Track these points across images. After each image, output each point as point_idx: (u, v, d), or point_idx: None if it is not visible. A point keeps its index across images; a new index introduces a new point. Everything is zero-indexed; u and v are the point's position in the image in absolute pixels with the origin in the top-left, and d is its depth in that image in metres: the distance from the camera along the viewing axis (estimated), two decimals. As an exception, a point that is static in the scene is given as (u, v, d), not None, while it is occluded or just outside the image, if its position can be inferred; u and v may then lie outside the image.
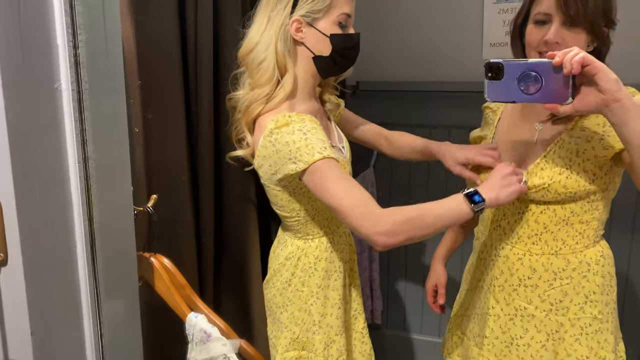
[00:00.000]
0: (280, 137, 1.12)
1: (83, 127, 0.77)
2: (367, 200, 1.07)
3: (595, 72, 0.88)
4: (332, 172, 1.09)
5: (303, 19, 1.16)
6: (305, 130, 1.11)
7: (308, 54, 1.20)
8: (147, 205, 1.04)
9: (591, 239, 1.14)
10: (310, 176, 1.10)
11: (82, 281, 0.82)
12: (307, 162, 1.08)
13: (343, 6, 1.17)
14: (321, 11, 1.16)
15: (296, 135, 1.10)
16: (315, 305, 1.26)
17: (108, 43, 0.79)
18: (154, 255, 1.07)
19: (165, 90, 1.29)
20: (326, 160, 1.09)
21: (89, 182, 0.79)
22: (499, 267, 1.19)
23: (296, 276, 1.27)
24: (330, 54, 1.19)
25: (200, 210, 1.41)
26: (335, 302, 1.28)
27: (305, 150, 1.09)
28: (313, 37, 1.18)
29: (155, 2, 1.24)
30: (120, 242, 0.88)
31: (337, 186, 1.08)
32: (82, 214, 0.79)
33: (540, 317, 1.15)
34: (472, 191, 1.06)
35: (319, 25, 1.17)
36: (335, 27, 1.18)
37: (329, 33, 1.17)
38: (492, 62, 0.97)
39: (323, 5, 1.15)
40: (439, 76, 2.14)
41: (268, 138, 1.14)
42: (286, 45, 1.17)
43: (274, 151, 1.13)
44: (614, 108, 0.89)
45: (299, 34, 1.17)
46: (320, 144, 1.10)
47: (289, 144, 1.10)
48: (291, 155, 1.10)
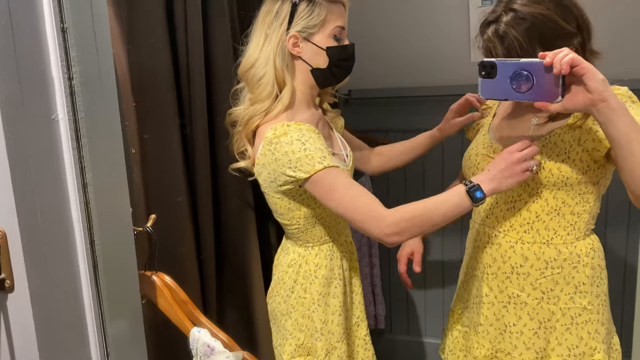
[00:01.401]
0: (279, 147, 1.15)
1: (81, 155, 0.80)
2: (373, 204, 1.12)
3: (584, 73, 0.92)
4: (335, 181, 1.13)
5: (299, 35, 1.20)
6: (304, 140, 1.14)
7: (306, 67, 1.24)
8: (146, 225, 1.06)
9: (582, 231, 1.17)
10: (313, 186, 1.15)
11: (86, 303, 0.84)
12: (308, 172, 1.12)
13: (337, 20, 1.22)
14: (316, 26, 1.20)
15: (295, 145, 1.13)
16: (316, 312, 1.28)
17: (101, 72, 0.82)
18: (156, 273, 1.10)
19: (160, 110, 1.32)
20: (327, 170, 1.13)
21: (89, 207, 0.82)
22: (492, 254, 1.23)
23: (298, 283, 1.30)
24: (327, 66, 1.23)
25: (200, 225, 1.43)
26: (336, 309, 1.30)
27: (305, 160, 1.12)
28: (310, 51, 1.22)
29: (147, 25, 1.27)
30: (122, 262, 0.91)
31: (341, 194, 1.13)
32: (83, 238, 0.81)
33: (533, 304, 1.18)
34: (474, 187, 1.09)
35: (315, 39, 1.21)
36: (331, 40, 1.22)
37: (325, 46, 1.22)
38: (486, 61, 1.02)
39: (318, 20, 1.20)
40: (429, 81, 2.17)
41: (267, 146, 1.17)
42: (284, 60, 1.21)
43: (273, 159, 1.16)
44: (601, 107, 0.93)
45: (296, 48, 1.21)
46: (319, 154, 1.13)
47: (288, 154, 1.13)
48: (291, 164, 1.13)
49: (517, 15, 1.07)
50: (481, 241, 1.27)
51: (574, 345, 1.16)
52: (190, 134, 1.39)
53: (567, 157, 1.12)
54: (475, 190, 1.09)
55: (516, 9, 1.08)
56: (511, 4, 1.09)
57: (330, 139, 1.34)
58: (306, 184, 1.15)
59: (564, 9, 1.09)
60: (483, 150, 1.26)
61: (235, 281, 1.55)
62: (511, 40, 1.07)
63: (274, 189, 1.23)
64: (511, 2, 1.09)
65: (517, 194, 1.18)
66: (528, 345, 1.19)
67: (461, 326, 1.37)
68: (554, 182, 1.13)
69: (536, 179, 1.15)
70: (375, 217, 1.11)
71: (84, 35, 0.78)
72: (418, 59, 2.19)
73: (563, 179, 1.12)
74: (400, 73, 2.23)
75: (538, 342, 1.18)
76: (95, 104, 0.81)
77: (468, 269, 1.34)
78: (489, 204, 1.24)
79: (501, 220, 1.21)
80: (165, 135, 1.33)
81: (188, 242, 1.37)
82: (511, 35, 1.07)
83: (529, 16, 1.06)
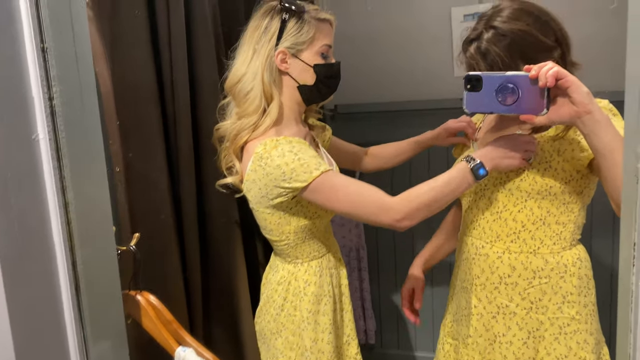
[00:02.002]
0: (270, 161, 1.15)
1: (62, 175, 0.79)
2: (377, 195, 1.15)
3: (568, 85, 0.94)
4: (334, 183, 1.15)
5: (288, 51, 1.21)
6: (296, 151, 1.14)
7: (293, 84, 1.25)
8: (130, 244, 1.05)
9: (568, 241, 1.18)
10: (314, 194, 1.15)
11: (68, 326, 0.83)
12: (306, 180, 1.13)
13: (325, 38, 1.24)
14: (305, 43, 1.22)
15: (287, 157, 1.13)
16: (306, 330, 1.27)
17: (83, 92, 0.82)
18: (140, 292, 1.08)
19: (144, 127, 1.31)
20: (324, 175, 1.14)
21: (70, 227, 0.80)
22: (480, 265, 1.23)
23: (288, 301, 1.29)
24: (314, 83, 1.25)
25: (185, 244, 1.42)
26: (326, 327, 1.29)
27: (301, 170, 1.13)
28: (297, 68, 1.23)
29: (131, 42, 1.28)
30: (105, 282, 0.90)
31: (344, 194, 1.15)
32: (65, 259, 0.80)
33: (522, 314, 1.19)
34: (477, 165, 1.12)
35: (303, 56, 1.23)
36: (318, 58, 1.24)
37: (312, 63, 1.23)
38: (471, 74, 1.02)
39: (307, 37, 1.21)
40: (413, 96, 2.19)
41: (258, 162, 1.17)
42: (272, 75, 1.21)
43: (264, 174, 1.16)
44: (585, 119, 0.95)
45: (284, 64, 1.22)
46: (314, 161, 1.14)
47: (281, 167, 1.13)
48: (285, 176, 1.13)
49: (497, 32, 1.09)
50: (469, 253, 1.27)
51: (563, 355, 1.17)
52: (175, 151, 1.39)
53: (549, 166, 1.14)
54: (478, 168, 1.12)
55: (496, 26, 1.10)
56: (491, 22, 1.11)
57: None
58: (305, 192, 1.15)
59: (542, 24, 1.11)
60: None
61: (222, 300, 1.53)
62: (493, 57, 1.09)
63: (265, 204, 1.22)
64: (491, 19, 1.12)
65: (502, 204, 1.19)
66: (517, 355, 1.19)
67: (452, 339, 1.37)
68: (537, 191, 1.14)
69: (520, 188, 1.16)
70: (384, 207, 1.13)
71: (64, 55, 0.78)
72: (402, 74, 2.21)
73: (546, 187, 1.14)
74: (385, 88, 2.24)
75: (527, 352, 1.19)
76: (77, 123, 0.81)
77: (457, 281, 1.34)
78: (475, 215, 1.25)
79: (488, 231, 1.22)
80: (150, 153, 1.32)
81: (173, 261, 1.36)
82: (493, 52, 1.09)
83: (509, 32, 1.09)
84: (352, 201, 1.15)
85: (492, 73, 1.02)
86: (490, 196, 1.22)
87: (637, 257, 0.55)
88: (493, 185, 1.21)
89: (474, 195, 1.26)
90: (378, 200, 1.14)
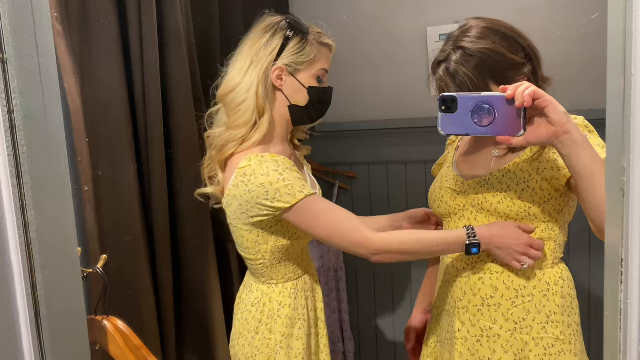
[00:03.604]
0: (253, 179, 1.13)
1: (22, 193, 0.74)
2: (357, 227, 1.14)
3: (546, 105, 0.92)
4: (317, 208, 1.14)
5: (286, 68, 1.21)
6: (281, 170, 1.13)
7: (285, 102, 1.24)
8: (96, 267, 1.00)
9: (549, 260, 1.17)
10: (296, 216, 1.14)
11: (26, 354, 0.77)
12: (289, 202, 1.12)
13: (323, 62, 1.25)
14: (304, 64, 1.22)
15: (272, 177, 1.12)
16: (279, 354, 1.24)
17: (46, 106, 0.78)
18: (107, 317, 1.03)
19: (115, 145, 1.27)
20: (308, 198, 1.13)
21: (30, 248, 0.76)
22: (462, 288, 1.21)
23: (263, 323, 1.26)
24: (306, 104, 1.24)
25: (157, 266, 1.37)
26: (299, 352, 1.25)
27: (285, 190, 1.12)
28: (292, 87, 1.23)
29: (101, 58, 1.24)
30: (68, 307, 0.84)
31: (324, 221, 1.15)
32: (23, 282, 0.75)
33: (506, 336, 1.16)
34: (475, 243, 1.12)
35: (300, 77, 1.23)
36: (314, 81, 1.24)
37: (307, 85, 1.23)
38: (446, 95, 0.99)
39: (307, 58, 1.21)
40: (390, 115, 2.19)
41: (240, 178, 1.15)
42: (266, 89, 1.20)
43: (246, 191, 1.14)
44: (564, 140, 0.93)
45: (279, 81, 1.22)
46: (298, 183, 1.14)
47: (265, 185, 1.12)
48: (268, 196, 1.12)
49: (465, 52, 1.09)
50: (450, 275, 1.25)
51: None
52: (147, 169, 1.35)
53: (527, 186, 1.12)
54: (473, 246, 1.12)
55: (464, 46, 1.09)
56: (458, 42, 1.11)
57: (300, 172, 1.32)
58: (287, 214, 1.14)
59: (509, 41, 1.11)
60: (446, 184, 1.26)
61: (196, 324, 1.48)
62: (462, 78, 1.08)
63: (244, 220, 1.20)
64: (458, 40, 1.11)
65: (482, 224, 1.18)
66: None
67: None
68: (517, 212, 1.13)
69: (499, 210, 1.14)
70: (363, 240, 1.12)
71: (26, 67, 0.74)
72: (378, 93, 2.21)
73: (525, 208, 1.12)
74: (360, 106, 2.24)
75: None
76: (39, 139, 0.76)
77: (439, 302, 1.32)
78: None
79: None
80: (120, 171, 1.28)
81: (144, 283, 1.31)
82: (462, 73, 1.08)
83: (476, 52, 1.08)
84: (332, 228, 1.15)
85: (468, 94, 0.99)
86: (470, 217, 1.20)
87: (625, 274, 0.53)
88: (472, 207, 1.20)
89: (453, 216, 1.25)
90: (357, 232, 1.13)
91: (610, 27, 0.57)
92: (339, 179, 2.33)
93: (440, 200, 1.26)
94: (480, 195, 1.17)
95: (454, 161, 1.30)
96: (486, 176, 1.18)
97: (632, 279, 0.52)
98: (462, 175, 1.24)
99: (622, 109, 0.53)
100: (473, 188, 1.19)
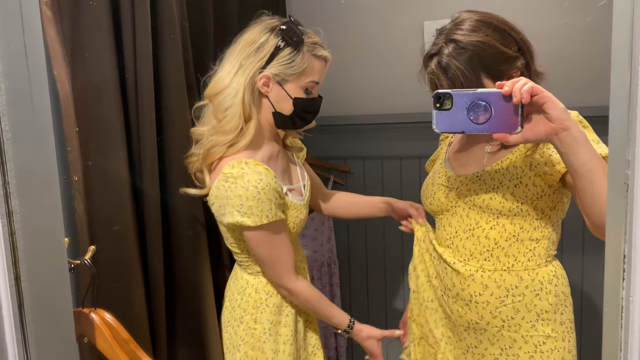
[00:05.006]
0: (234, 187, 1.15)
1: (6, 180, 0.72)
2: (288, 271, 1.25)
3: (544, 101, 0.90)
4: (270, 238, 1.21)
5: (273, 77, 1.20)
6: (260, 188, 1.15)
7: (270, 107, 1.24)
8: (83, 258, 0.98)
9: (543, 257, 1.15)
10: (253, 234, 1.20)
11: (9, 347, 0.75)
12: (255, 222, 1.16)
13: (314, 74, 1.24)
14: (292, 75, 1.21)
15: (250, 192, 1.14)
16: (267, 342, 1.27)
17: (33, 91, 0.75)
18: (95, 310, 1.01)
19: (105, 134, 1.24)
20: (270, 224, 1.18)
21: (14, 237, 0.73)
22: (452, 279, 1.20)
23: (248, 313, 1.28)
24: (289, 114, 1.24)
25: (148, 257, 1.34)
26: (287, 339, 1.28)
27: (255, 210, 1.15)
28: (277, 95, 1.22)
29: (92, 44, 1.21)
30: (54, 299, 0.82)
31: (269, 251, 1.22)
32: (6, 273, 0.73)
33: (493, 332, 1.16)
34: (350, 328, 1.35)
35: (286, 87, 1.22)
36: (301, 92, 1.23)
37: (294, 96, 1.22)
38: (441, 92, 0.96)
39: (296, 70, 1.20)
40: (386, 109, 2.18)
41: (222, 182, 1.17)
42: (253, 95, 1.20)
43: (225, 196, 1.16)
44: (563, 137, 0.91)
45: (266, 88, 1.21)
46: (268, 206, 1.16)
47: (241, 198, 1.14)
48: (241, 209, 1.15)
49: (457, 45, 1.07)
50: (440, 267, 1.24)
51: None
52: (139, 159, 1.32)
53: (520, 182, 1.11)
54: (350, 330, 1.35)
55: (456, 39, 1.08)
56: (451, 35, 1.09)
57: (288, 172, 1.34)
58: (247, 230, 1.19)
59: (502, 34, 1.09)
60: (439, 180, 1.25)
61: (187, 317, 1.46)
62: (454, 71, 1.06)
63: (223, 221, 1.23)
64: (451, 33, 1.10)
65: (474, 221, 1.16)
66: None
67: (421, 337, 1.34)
68: (509, 208, 1.12)
69: (491, 206, 1.13)
70: (282, 284, 1.25)
71: (12, 49, 0.71)
72: (374, 87, 2.20)
73: (518, 204, 1.11)
74: (356, 101, 2.22)
75: None
76: (25, 125, 0.74)
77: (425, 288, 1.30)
78: (448, 233, 1.22)
79: (461, 249, 1.19)
80: (111, 161, 1.25)
81: (135, 275, 1.29)
82: (454, 66, 1.06)
83: (469, 45, 1.06)
84: (270, 261, 1.23)
85: (463, 91, 0.96)
86: (462, 213, 1.19)
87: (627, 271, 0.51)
88: (464, 203, 1.18)
89: (446, 213, 1.23)
90: (284, 275, 1.24)
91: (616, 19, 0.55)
92: (334, 173, 2.32)
93: (432, 197, 1.24)
94: (472, 191, 1.16)
95: (447, 157, 1.29)
96: (479, 172, 1.16)
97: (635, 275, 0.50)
98: (454, 172, 1.22)
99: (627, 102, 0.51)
100: (465, 184, 1.18)
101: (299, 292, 1.26)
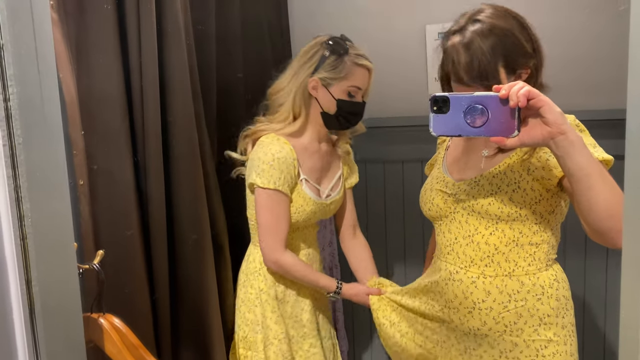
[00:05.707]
0: (259, 151, 1.39)
1: (17, 184, 0.72)
2: (278, 238, 1.39)
3: (541, 105, 0.89)
4: (267, 203, 1.38)
5: (320, 81, 1.42)
6: (277, 157, 1.37)
7: (319, 108, 1.46)
8: (92, 262, 0.97)
9: (543, 262, 1.15)
10: (258, 195, 1.39)
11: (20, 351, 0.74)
12: (263, 184, 1.36)
13: (356, 80, 1.44)
14: (336, 79, 1.42)
15: (268, 157, 1.37)
16: (258, 306, 1.44)
17: (44, 95, 0.75)
18: (103, 315, 1.00)
19: (111, 138, 1.24)
20: (274, 192, 1.37)
21: (25, 242, 0.73)
22: (453, 291, 1.19)
23: (248, 276, 1.47)
24: (335, 114, 1.45)
25: (154, 262, 1.34)
26: (274, 309, 1.44)
27: (265, 173, 1.36)
28: (324, 97, 1.44)
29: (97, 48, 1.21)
30: (64, 304, 0.82)
31: (265, 217, 1.38)
32: (18, 278, 0.72)
33: (494, 337, 1.16)
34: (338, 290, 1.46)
35: (332, 89, 1.43)
36: (344, 95, 1.44)
37: (337, 97, 1.43)
38: (438, 95, 0.96)
39: (338, 75, 1.42)
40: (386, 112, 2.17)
41: (255, 147, 1.42)
42: (304, 96, 1.44)
43: (252, 158, 1.42)
44: (559, 140, 0.90)
45: (314, 91, 1.44)
46: (278, 175, 1.37)
47: (260, 160, 1.38)
48: (258, 169, 1.37)
49: (482, 25, 1.07)
50: (441, 277, 1.23)
51: None
52: (144, 163, 1.32)
53: (518, 187, 1.10)
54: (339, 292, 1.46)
55: (481, 19, 1.08)
56: (475, 16, 1.09)
57: (320, 172, 1.51)
58: (253, 188, 1.40)
59: (524, 29, 1.10)
60: (437, 185, 1.24)
61: (193, 322, 1.45)
62: (476, 48, 1.06)
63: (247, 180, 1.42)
64: (475, 14, 1.10)
65: (474, 227, 1.16)
66: None
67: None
68: (508, 213, 1.11)
69: (489, 212, 1.12)
70: (269, 252, 1.39)
71: (23, 54, 0.71)
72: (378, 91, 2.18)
73: (517, 209, 1.10)
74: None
75: None
76: (36, 129, 0.74)
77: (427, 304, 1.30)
78: (448, 240, 1.22)
79: (462, 256, 1.19)
80: (116, 165, 1.25)
81: (141, 280, 1.28)
82: (476, 43, 1.06)
83: (494, 27, 1.07)
84: (267, 227, 1.39)
85: (460, 94, 0.96)
86: (461, 220, 1.18)
87: (645, 274, 0.51)
88: (462, 209, 1.18)
89: (444, 219, 1.23)
90: (274, 241, 1.39)
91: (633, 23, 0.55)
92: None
93: (430, 203, 1.24)
94: (470, 197, 1.15)
95: (444, 162, 1.28)
96: (476, 177, 1.16)
97: (653, 279, 0.50)
98: (452, 177, 1.22)
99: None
100: (463, 190, 1.17)
101: (285, 263, 1.40)
